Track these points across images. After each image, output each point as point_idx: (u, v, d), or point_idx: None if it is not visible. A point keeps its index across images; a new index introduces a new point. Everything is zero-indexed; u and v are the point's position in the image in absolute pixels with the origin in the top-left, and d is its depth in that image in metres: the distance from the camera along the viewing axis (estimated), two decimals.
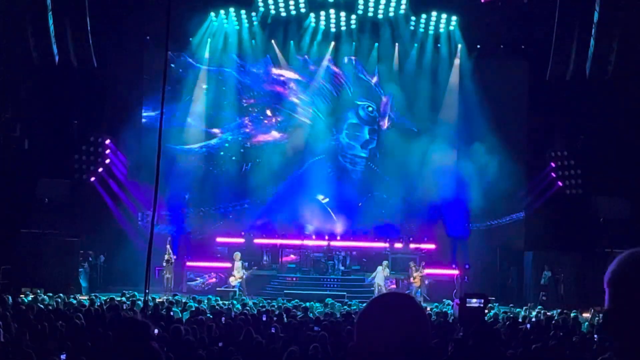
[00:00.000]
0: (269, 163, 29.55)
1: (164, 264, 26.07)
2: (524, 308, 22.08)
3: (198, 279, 27.52)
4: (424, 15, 28.63)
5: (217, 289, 25.77)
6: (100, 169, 28.09)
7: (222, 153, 30.05)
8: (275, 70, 30.16)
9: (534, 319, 18.50)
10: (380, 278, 25.48)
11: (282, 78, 30.29)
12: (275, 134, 30.37)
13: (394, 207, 29.65)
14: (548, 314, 20.02)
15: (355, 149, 30.61)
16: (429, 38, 29.25)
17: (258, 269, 27.46)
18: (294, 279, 27.19)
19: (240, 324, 13.62)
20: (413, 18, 28.72)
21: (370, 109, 30.52)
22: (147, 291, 14.33)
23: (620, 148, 26.38)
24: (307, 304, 20.17)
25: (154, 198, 13.63)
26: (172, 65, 28.11)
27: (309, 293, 24.66)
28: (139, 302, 17.68)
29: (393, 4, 28.02)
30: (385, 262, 26.12)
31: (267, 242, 28.87)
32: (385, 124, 30.60)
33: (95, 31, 25.40)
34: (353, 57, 29.96)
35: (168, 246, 26.21)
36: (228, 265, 26.41)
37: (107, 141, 28.24)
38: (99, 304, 17.86)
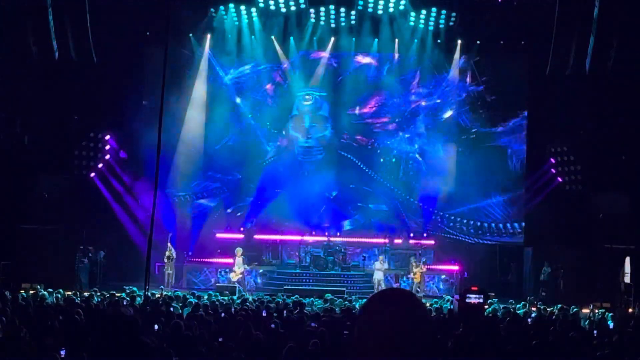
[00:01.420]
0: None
1: (165, 260, 26.13)
2: (524, 304, 22.09)
3: (213, 280, 27.49)
4: (423, 11, 28.57)
5: (217, 284, 25.80)
6: (100, 165, 28.10)
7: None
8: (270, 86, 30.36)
9: (533, 315, 18.53)
10: (380, 274, 25.48)
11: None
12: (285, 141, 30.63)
13: (380, 201, 29.72)
14: (548, 309, 20.05)
15: (298, 140, 30.63)
16: (428, 34, 29.20)
17: (258, 264, 27.47)
18: (294, 274, 27.21)
19: (239, 319, 13.64)
20: (413, 14, 28.66)
21: (307, 97, 30.44)
22: (147, 287, 14.37)
23: (620, 144, 26.36)
24: (307, 299, 20.19)
25: (153, 195, 13.64)
26: (172, 61, 28.05)
27: (308, 289, 24.68)
28: (139, 298, 17.71)
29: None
30: (380, 257, 26.13)
31: (267, 238, 28.94)
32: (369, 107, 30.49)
33: (95, 26, 25.37)
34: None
35: (169, 243, 26.26)
36: (229, 261, 26.40)
37: (107, 137, 28.24)
38: (99, 300, 17.89)
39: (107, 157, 28.26)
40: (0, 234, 24.34)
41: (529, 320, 17.12)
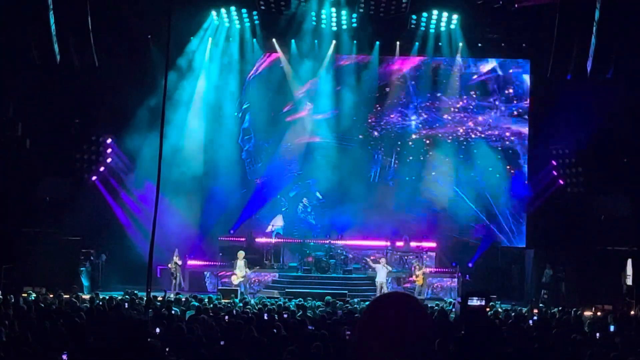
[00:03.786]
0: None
1: (169, 265, 26.16)
2: (526, 306, 22.06)
3: (215, 283, 27.47)
4: (424, 14, 28.55)
5: (219, 287, 25.80)
6: (102, 168, 28.11)
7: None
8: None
9: (535, 317, 18.50)
10: (382, 276, 25.42)
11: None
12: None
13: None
14: (550, 312, 20.02)
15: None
16: (429, 37, 29.20)
17: (260, 268, 27.44)
18: (296, 277, 27.18)
19: (241, 322, 13.63)
20: (414, 16, 28.66)
21: (236, 114, 30.65)
22: (149, 290, 14.37)
23: (621, 146, 26.37)
24: (310, 302, 20.16)
25: (155, 197, 13.65)
26: (174, 64, 28.06)
27: (310, 292, 24.63)
28: (141, 301, 17.70)
29: (394, 2, 27.96)
30: (382, 260, 26.07)
31: (268, 241, 28.96)
32: None
33: (96, 30, 25.39)
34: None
35: (177, 249, 26.29)
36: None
37: (109, 140, 28.26)
38: (100, 302, 17.88)
39: (109, 160, 28.28)
40: (2, 238, 24.35)
41: (531, 322, 17.11)
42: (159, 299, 19.36)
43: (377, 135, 30.73)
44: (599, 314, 20.26)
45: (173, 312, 15.81)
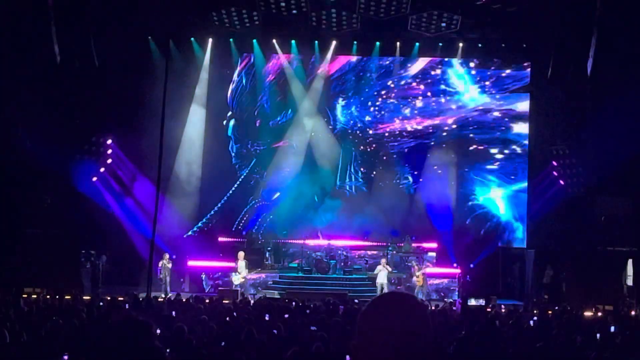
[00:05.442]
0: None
1: (159, 266, 26.15)
2: (526, 306, 22.05)
3: (214, 283, 27.48)
4: (425, 14, 28.52)
5: (220, 288, 25.80)
6: (102, 169, 28.12)
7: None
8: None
9: (536, 318, 18.50)
10: (383, 277, 25.42)
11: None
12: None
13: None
14: (550, 312, 20.03)
15: None
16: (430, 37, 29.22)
17: (260, 269, 27.43)
18: (296, 278, 27.18)
19: (242, 323, 13.62)
20: (414, 17, 28.65)
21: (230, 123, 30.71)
22: (149, 290, 14.38)
23: (622, 146, 26.33)
24: (310, 303, 20.15)
25: (156, 198, 13.65)
26: (174, 64, 28.06)
27: (311, 292, 24.64)
28: (142, 302, 17.70)
29: (394, 3, 27.98)
30: (383, 260, 26.06)
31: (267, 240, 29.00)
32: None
33: (96, 31, 25.39)
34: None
35: (167, 254, 26.21)
36: (231, 264, 26.41)
37: (109, 141, 28.27)
38: (101, 303, 17.89)
39: (109, 161, 28.30)
40: (3, 239, 24.35)
41: (531, 322, 17.11)
42: (159, 299, 19.36)
43: (371, 133, 30.86)
44: (599, 314, 20.25)
45: (173, 313, 15.81)
